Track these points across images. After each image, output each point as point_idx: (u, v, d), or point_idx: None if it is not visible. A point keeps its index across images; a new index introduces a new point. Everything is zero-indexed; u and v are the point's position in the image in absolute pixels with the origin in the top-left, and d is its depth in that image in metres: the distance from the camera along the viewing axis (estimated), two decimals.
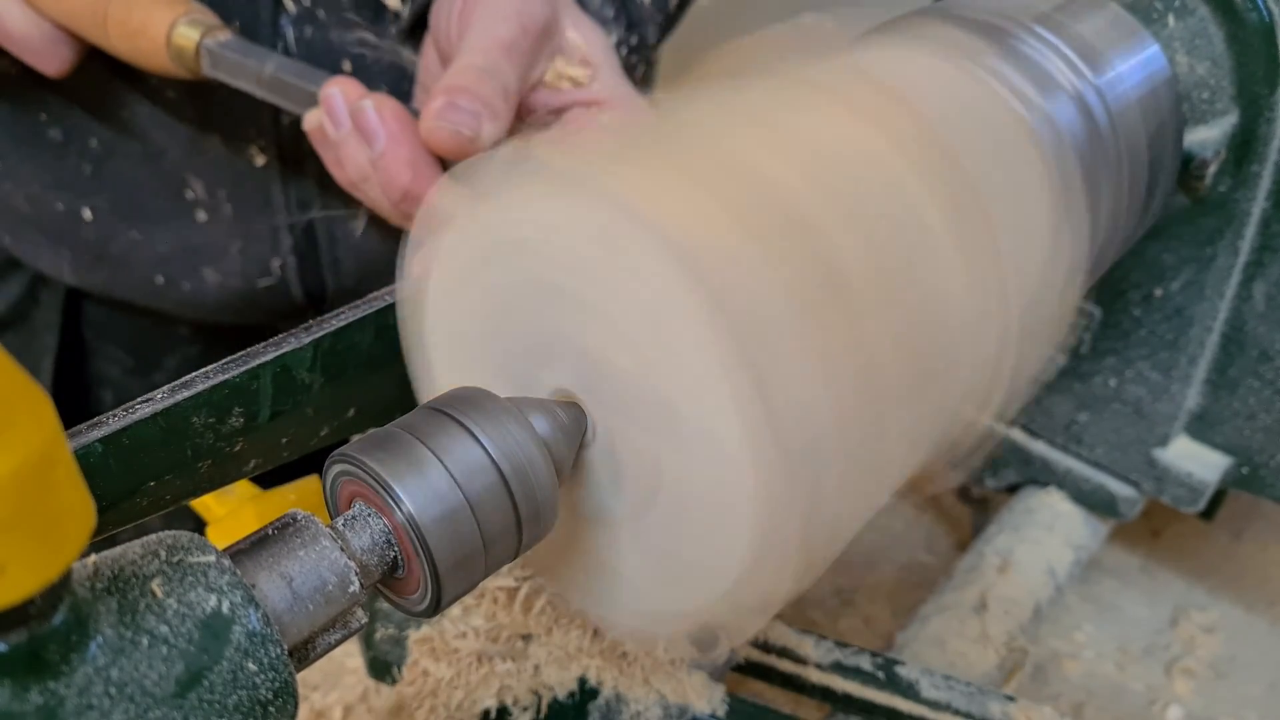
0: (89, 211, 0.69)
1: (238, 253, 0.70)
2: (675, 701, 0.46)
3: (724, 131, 0.37)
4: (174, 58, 0.56)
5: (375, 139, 0.50)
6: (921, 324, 0.37)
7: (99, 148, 0.68)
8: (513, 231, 0.35)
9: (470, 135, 0.48)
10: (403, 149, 0.50)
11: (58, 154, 0.69)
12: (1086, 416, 0.71)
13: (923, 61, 0.45)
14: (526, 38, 0.51)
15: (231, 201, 0.68)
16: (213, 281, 0.70)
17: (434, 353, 0.41)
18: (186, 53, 0.55)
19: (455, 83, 0.49)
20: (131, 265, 0.71)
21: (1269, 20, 0.54)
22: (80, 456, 0.35)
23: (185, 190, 0.68)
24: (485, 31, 0.51)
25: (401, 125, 0.50)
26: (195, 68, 0.56)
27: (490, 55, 0.50)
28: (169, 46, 0.55)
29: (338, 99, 0.51)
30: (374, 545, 0.31)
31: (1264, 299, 0.61)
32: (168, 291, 0.71)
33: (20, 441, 0.20)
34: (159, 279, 0.70)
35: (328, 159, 0.54)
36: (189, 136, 0.67)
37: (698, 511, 0.34)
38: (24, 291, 0.78)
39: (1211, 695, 0.70)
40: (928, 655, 0.63)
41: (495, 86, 0.49)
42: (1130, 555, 0.81)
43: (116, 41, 0.56)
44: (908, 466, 0.39)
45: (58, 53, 0.59)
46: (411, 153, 0.50)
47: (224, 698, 0.26)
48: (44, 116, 0.68)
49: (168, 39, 0.55)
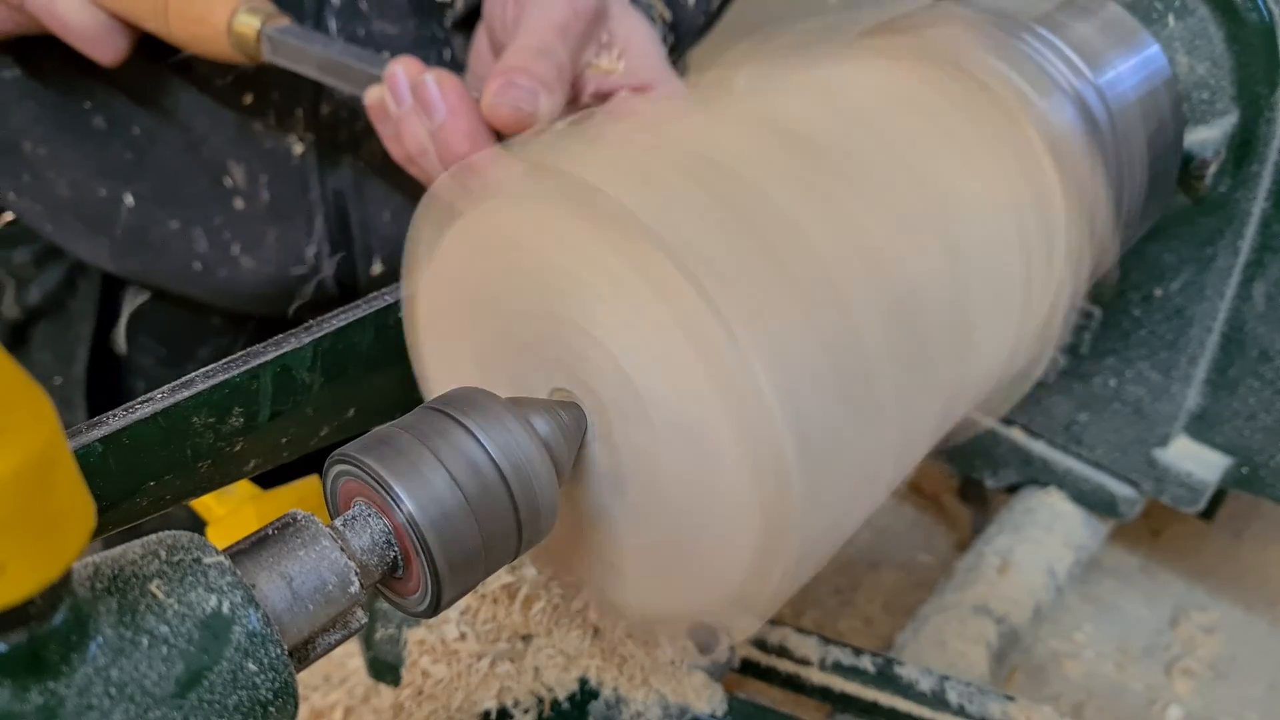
0: (130, 198, 0.71)
1: (273, 240, 0.72)
2: (675, 701, 0.46)
3: (717, 136, 0.37)
4: (235, 45, 0.58)
5: (435, 111, 0.53)
6: (921, 324, 0.37)
7: (141, 135, 0.70)
8: (512, 233, 0.35)
9: (530, 111, 0.51)
10: (461, 121, 0.53)
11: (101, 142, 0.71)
12: (1086, 416, 0.71)
13: (919, 63, 0.45)
14: (579, 21, 0.55)
15: (269, 190, 0.70)
16: (248, 268, 0.72)
17: (433, 353, 0.41)
18: (248, 40, 0.57)
19: (513, 63, 0.52)
20: (170, 252, 0.72)
21: (1269, 20, 0.54)
22: (80, 456, 0.35)
23: (224, 178, 0.70)
24: (540, 15, 0.54)
25: (460, 99, 0.53)
26: (255, 54, 0.58)
27: (545, 37, 0.53)
28: (230, 34, 0.57)
29: (401, 76, 0.54)
30: (374, 545, 0.31)
31: (1264, 299, 0.61)
32: (204, 278, 0.73)
33: (20, 441, 0.20)
34: (196, 265, 0.72)
35: (386, 134, 0.56)
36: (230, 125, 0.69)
37: (698, 511, 0.34)
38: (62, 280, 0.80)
39: (1211, 695, 0.70)
40: (927, 655, 0.63)
41: (550, 66, 0.52)
42: (1130, 555, 0.81)
43: (177, 30, 0.58)
44: (906, 465, 0.39)
45: (113, 42, 0.60)
46: (470, 125, 0.53)
47: (224, 698, 0.26)
48: (88, 105, 0.70)
49: (229, 26, 0.57)
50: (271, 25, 0.57)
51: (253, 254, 0.72)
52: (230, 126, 0.68)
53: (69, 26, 0.59)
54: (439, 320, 0.40)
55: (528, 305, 0.36)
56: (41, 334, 0.81)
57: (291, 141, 0.69)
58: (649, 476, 0.35)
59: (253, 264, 0.72)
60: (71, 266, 0.78)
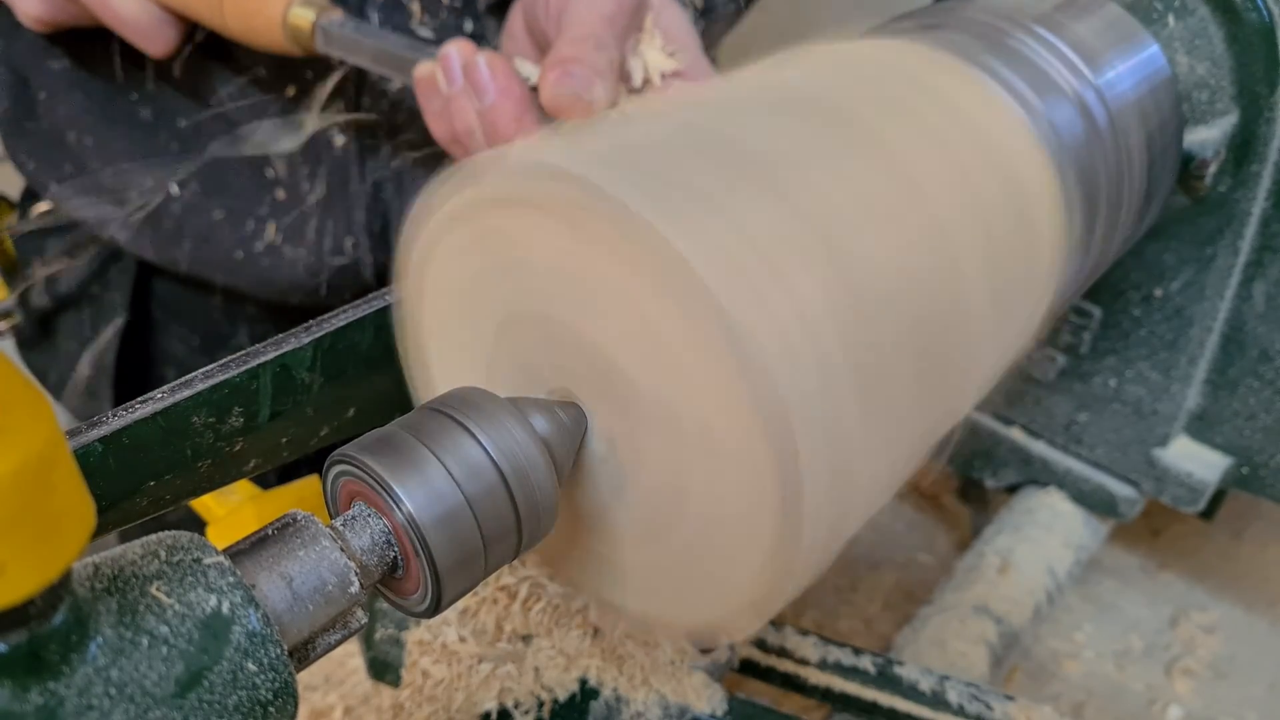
0: (176, 188, 0.73)
1: (314, 231, 0.73)
2: (675, 701, 0.46)
3: (725, 132, 0.37)
4: (289, 37, 0.60)
5: (486, 93, 0.54)
6: (926, 326, 0.36)
7: (188, 127, 0.71)
8: (511, 232, 0.35)
9: (588, 98, 0.53)
10: (510, 104, 0.54)
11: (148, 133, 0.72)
12: (1086, 416, 0.71)
13: (919, 63, 0.45)
14: (624, 13, 0.56)
15: (310, 181, 0.72)
16: (289, 258, 0.73)
17: (433, 352, 0.41)
18: (303, 32, 0.59)
19: (567, 54, 0.54)
20: (213, 241, 0.74)
21: (1269, 20, 0.54)
22: (80, 456, 0.35)
23: (267, 169, 0.72)
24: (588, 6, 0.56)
25: (510, 81, 0.55)
26: (310, 45, 0.60)
27: (595, 27, 0.55)
28: (285, 26, 0.59)
29: (454, 57, 0.55)
30: (374, 545, 0.31)
31: (1264, 299, 0.61)
32: (246, 268, 0.74)
33: (20, 442, 0.20)
34: (239, 254, 0.73)
35: (431, 111, 0.57)
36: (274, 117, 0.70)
37: (700, 513, 0.34)
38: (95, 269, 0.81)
39: (1211, 695, 0.70)
40: (927, 655, 0.63)
41: (602, 55, 0.54)
42: (1130, 555, 0.81)
43: (232, 22, 0.60)
44: (910, 466, 0.39)
45: (164, 34, 0.62)
46: (518, 108, 0.54)
47: (224, 698, 0.26)
48: (135, 96, 0.71)
49: (284, 19, 0.59)
50: (325, 18, 0.59)
51: (294, 244, 0.73)
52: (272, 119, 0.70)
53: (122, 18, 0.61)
54: (440, 320, 0.40)
55: (528, 305, 0.36)
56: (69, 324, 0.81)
57: (333, 133, 0.70)
58: (649, 477, 0.35)
59: (294, 254, 0.73)
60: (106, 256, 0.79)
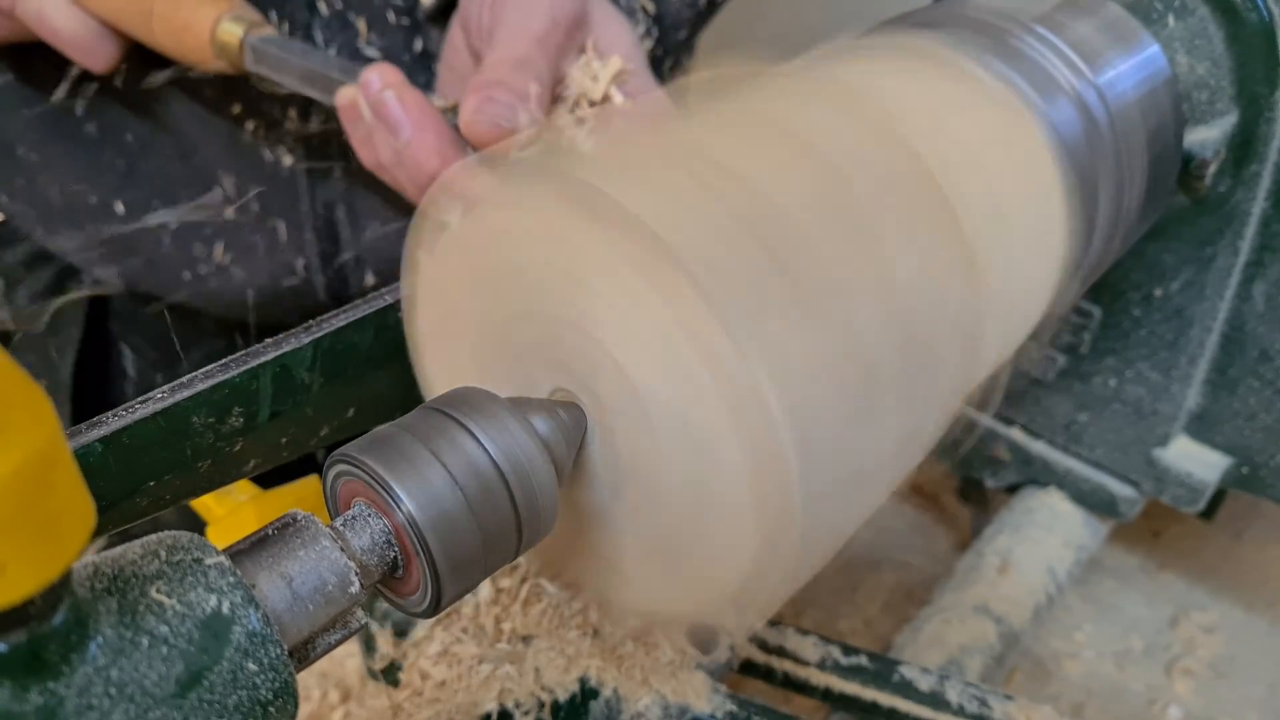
0: (121, 205, 0.71)
1: (264, 252, 0.71)
2: (675, 701, 0.46)
3: (718, 137, 0.37)
4: (218, 53, 0.57)
5: (401, 128, 0.52)
6: (925, 325, 0.37)
7: (134, 143, 0.70)
8: (513, 233, 0.35)
9: (509, 126, 0.50)
10: (429, 137, 0.51)
11: (93, 149, 0.70)
12: (1086, 416, 0.71)
13: (920, 62, 0.45)
14: (558, 30, 0.53)
15: (259, 200, 0.70)
16: (239, 279, 0.72)
17: (433, 352, 0.41)
18: (231, 48, 0.57)
19: (491, 77, 0.50)
20: (161, 260, 0.72)
21: (1269, 20, 0.54)
22: (80, 456, 0.35)
23: (215, 187, 0.70)
24: (518, 25, 0.52)
25: (424, 115, 0.52)
26: (238, 63, 0.58)
27: (523, 48, 0.52)
28: (213, 42, 0.57)
29: (375, 84, 0.52)
30: (374, 545, 0.31)
31: (1264, 299, 0.61)
32: (194, 287, 0.73)
33: (20, 441, 0.20)
34: (186, 274, 0.72)
35: (356, 139, 0.55)
36: (222, 134, 0.69)
37: (697, 512, 0.34)
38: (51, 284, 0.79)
39: (1211, 695, 0.70)
40: (927, 655, 0.63)
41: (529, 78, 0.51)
42: (1130, 555, 0.81)
43: (161, 37, 0.58)
44: (905, 465, 0.39)
45: (104, 49, 0.60)
46: (438, 141, 0.51)
47: (224, 698, 0.26)
48: (80, 111, 0.70)
49: (212, 35, 0.57)
50: (255, 34, 0.57)
51: (243, 265, 0.71)
52: (221, 136, 0.68)
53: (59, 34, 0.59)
54: (440, 320, 0.40)
55: (528, 305, 0.36)
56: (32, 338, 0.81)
57: (281, 153, 0.68)
58: (648, 476, 0.35)
59: (244, 274, 0.71)
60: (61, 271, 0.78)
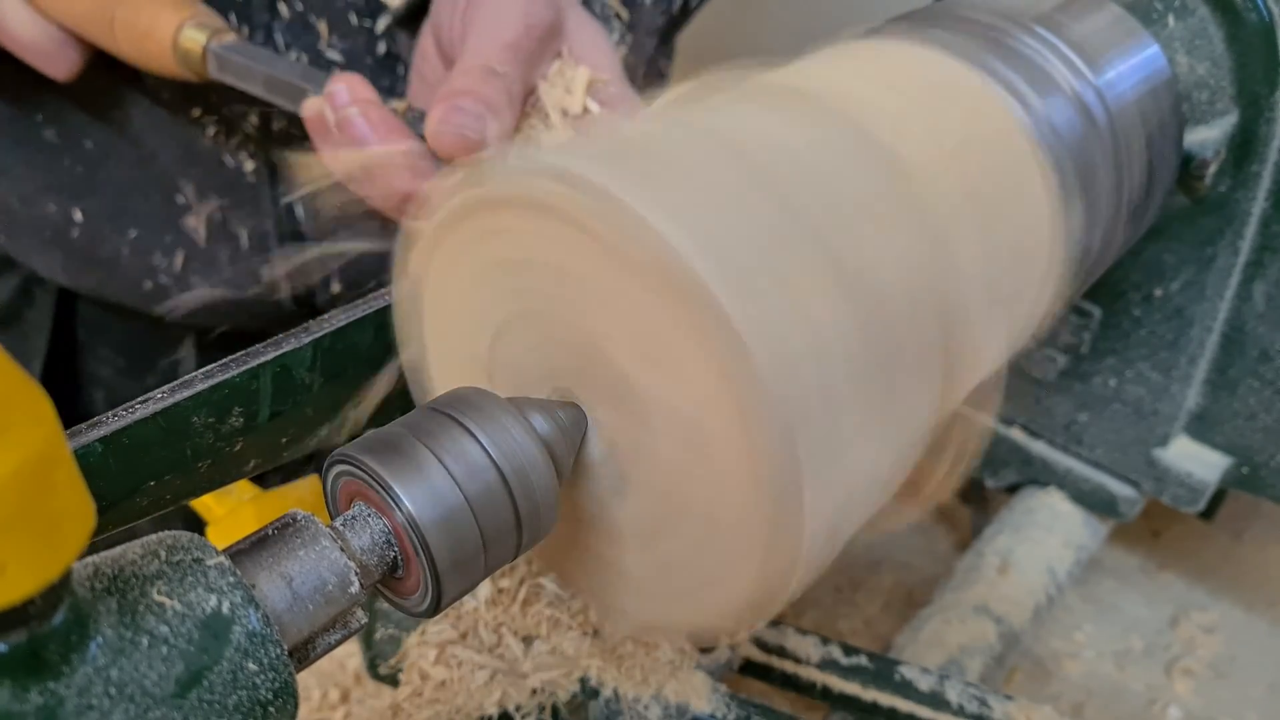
0: (80, 213, 0.69)
1: (227, 259, 0.70)
2: (675, 701, 0.46)
3: (723, 131, 0.37)
4: (180, 60, 0.56)
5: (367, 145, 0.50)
6: (923, 321, 0.36)
7: (93, 149, 0.68)
8: (510, 231, 0.35)
9: (476, 138, 0.48)
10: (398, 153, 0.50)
11: (52, 155, 0.69)
12: (1086, 416, 0.71)
13: (920, 62, 0.45)
14: (530, 38, 0.51)
15: (222, 208, 0.69)
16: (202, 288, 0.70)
17: (433, 352, 0.41)
18: (193, 55, 0.56)
19: (459, 85, 0.49)
20: (121, 269, 0.70)
21: (1269, 20, 0.54)
22: (80, 456, 0.35)
23: (176, 195, 0.68)
24: (489, 32, 0.51)
25: (390, 130, 0.50)
26: (201, 70, 0.56)
27: (494, 56, 0.50)
28: (175, 49, 0.56)
29: (342, 94, 0.51)
30: (374, 545, 0.31)
31: (1264, 299, 0.61)
32: (156, 297, 0.71)
33: (20, 441, 0.20)
34: (147, 284, 0.70)
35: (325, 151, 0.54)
36: (181, 141, 0.67)
37: (699, 515, 0.34)
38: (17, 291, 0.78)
39: (1211, 695, 0.70)
40: (927, 655, 0.63)
41: (499, 87, 0.49)
42: (1130, 555, 0.81)
43: (123, 44, 0.57)
44: (906, 466, 0.39)
45: (65, 56, 0.59)
46: (407, 157, 0.50)
47: (224, 698, 0.26)
48: (40, 117, 0.68)
49: (174, 42, 0.56)
50: (218, 41, 0.56)
51: (205, 274, 0.70)
52: (180, 142, 0.67)
53: (22, 42, 0.58)
54: (439, 320, 0.40)
55: (528, 305, 0.36)
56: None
57: (243, 158, 0.67)
58: (649, 477, 0.35)
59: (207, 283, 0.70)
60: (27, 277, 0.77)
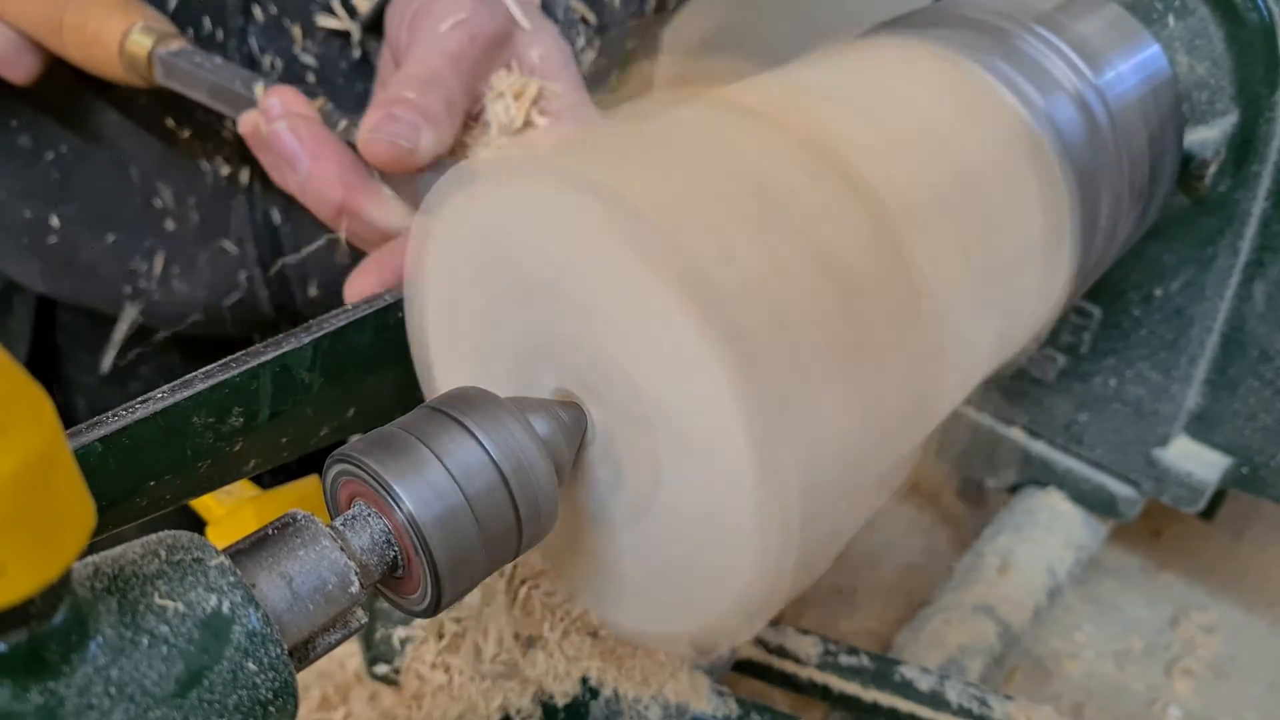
0: (56, 219, 0.69)
1: (205, 264, 0.69)
2: (675, 701, 0.46)
3: (713, 129, 0.37)
4: (127, 66, 0.55)
5: (297, 161, 0.49)
6: (916, 320, 0.36)
7: (69, 154, 0.68)
8: (510, 228, 0.35)
9: (408, 147, 0.47)
10: (330, 165, 0.49)
11: (27, 161, 0.68)
12: (1086, 416, 0.71)
13: (922, 61, 0.45)
14: (474, 48, 0.50)
15: (199, 212, 0.68)
16: (181, 292, 0.70)
17: (433, 352, 0.41)
18: (139, 61, 0.54)
19: (394, 94, 0.48)
20: (100, 274, 0.70)
21: (1269, 20, 0.54)
22: (80, 456, 0.35)
23: (154, 199, 0.68)
24: (431, 41, 0.50)
25: (321, 144, 0.49)
26: (149, 76, 0.55)
27: (434, 65, 0.49)
28: (122, 54, 0.54)
29: (276, 109, 0.50)
30: (374, 545, 0.31)
31: (1264, 299, 0.61)
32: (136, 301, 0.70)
33: (20, 441, 0.20)
34: (127, 289, 0.70)
35: (267, 164, 0.53)
36: (157, 145, 0.66)
37: (698, 516, 0.34)
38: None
39: (1211, 695, 0.70)
40: (927, 655, 0.63)
41: (437, 97, 0.48)
42: (1130, 555, 0.81)
43: (72, 49, 0.56)
44: (905, 465, 0.39)
45: (23, 60, 0.58)
46: (338, 168, 0.49)
47: (224, 698, 0.26)
48: (14, 123, 0.68)
49: (121, 47, 0.54)
50: (165, 47, 0.54)
51: (185, 278, 0.69)
52: (155, 147, 0.66)
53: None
54: (439, 320, 0.40)
55: (530, 304, 0.36)
56: None
57: (219, 163, 0.66)
58: (648, 477, 0.35)
59: (185, 287, 0.69)
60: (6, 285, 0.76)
